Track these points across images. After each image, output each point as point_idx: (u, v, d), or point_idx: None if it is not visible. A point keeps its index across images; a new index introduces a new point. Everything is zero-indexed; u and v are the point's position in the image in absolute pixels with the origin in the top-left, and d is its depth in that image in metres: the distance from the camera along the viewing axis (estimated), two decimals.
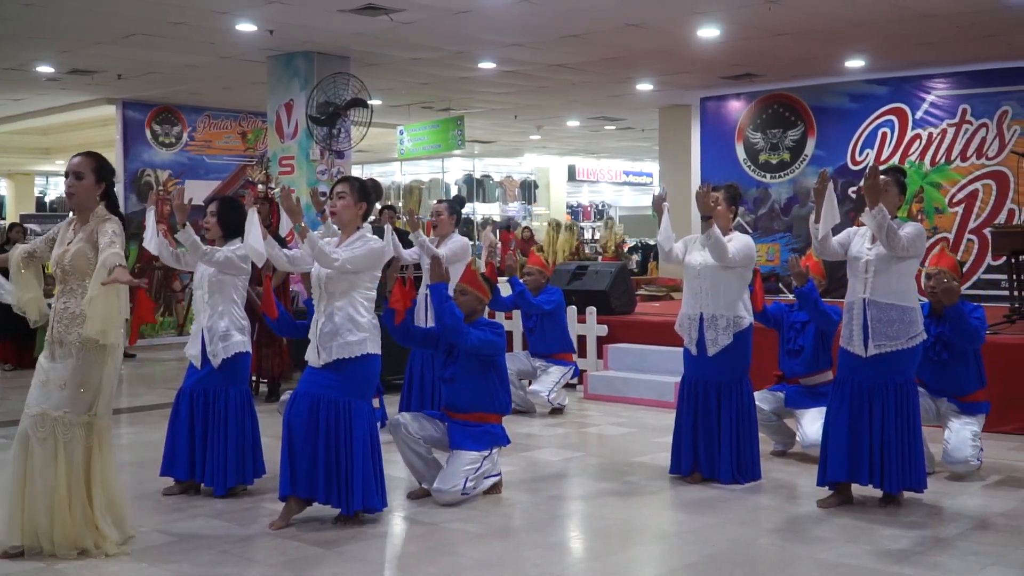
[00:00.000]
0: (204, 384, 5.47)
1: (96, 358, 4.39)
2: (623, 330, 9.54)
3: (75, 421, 4.35)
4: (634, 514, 5.33)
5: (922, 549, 4.55)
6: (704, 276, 5.74)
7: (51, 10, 8.39)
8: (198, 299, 5.60)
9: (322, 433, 4.80)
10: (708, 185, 5.83)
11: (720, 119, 13.34)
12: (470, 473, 5.34)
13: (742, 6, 8.63)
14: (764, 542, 4.78)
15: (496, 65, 11.31)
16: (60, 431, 4.33)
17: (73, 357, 4.37)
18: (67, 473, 4.33)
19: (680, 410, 5.88)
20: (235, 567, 4.37)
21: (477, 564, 4.45)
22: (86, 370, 4.38)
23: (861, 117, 12.01)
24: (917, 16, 8.84)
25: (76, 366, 4.37)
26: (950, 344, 5.86)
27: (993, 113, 11.02)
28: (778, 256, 12.63)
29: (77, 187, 4.51)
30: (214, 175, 13.97)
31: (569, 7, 8.61)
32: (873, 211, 4.90)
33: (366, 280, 4.95)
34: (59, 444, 4.32)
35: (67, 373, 4.37)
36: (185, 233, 5.34)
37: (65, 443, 4.33)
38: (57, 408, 4.35)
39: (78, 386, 4.37)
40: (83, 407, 4.38)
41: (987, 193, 11.10)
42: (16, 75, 11.06)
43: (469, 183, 21.60)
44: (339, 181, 5.12)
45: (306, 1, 8.35)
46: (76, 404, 4.37)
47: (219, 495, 5.42)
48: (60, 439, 4.32)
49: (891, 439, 5.08)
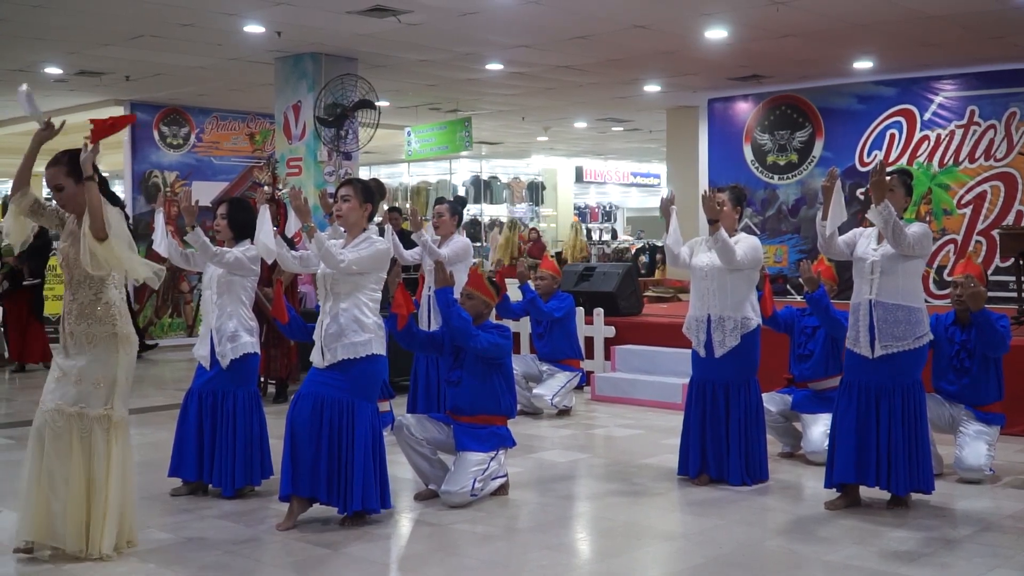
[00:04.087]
0: (213, 385, 5.49)
1: (109, 350, 4.40)
2: (630, 331, 9.55)
3: (91, 415, 4.37)
4: (641, 516, 5.33)
5: (930, 551, 4.55)
6: (711, 278, 5.74)
7: (59, 11, 8.42)
8: (207, 300, 5.63)
9: (325, 433, 4.81)
10: (712, 189, 5.84)
11: (728, 120, 13.33)
12: (478, 474, 5.35)
13: (749, 7, 8.63)
14: (771, 544, 4.78)
15: (503, 66, 11.32)
16: (76, 426, 4.35)
17: (86, 352, 4.39)
18: (84, 468, 4.34)
19: (688, 412, 5.88)
20: (242, 568, 4.38)
21: (483, 565, 4.46)
22: (100, 364, 4.39)
23: (869, 118, 12.01)
24: (924, 17, 8.83)
25: (90, 360, 4.38)
26: (973, 353, 5.88)
27: (1001, 114, 11.01)
28: (786, 258, 12.63)
29: (62, 198, 4.46)
30: (222, 176, 14.00)
31: (576, 8, 8.62)
32: (879, 207, 4.90)
33: (371, 281, 4.96)
34: (75, 439, 4.34)
35: (82, 368, 4.38)
36: (195, 235, 5.36)
37: (82, 438, 4.35)
38: (73, 403, 4.36)
39: (94, 381, 4.39)
40: (99, 402, 4.40)
41: (995, 195, 11.08)
42: (24, 76, 11.08)
43: (476, 184, 21.61)
44: (343, 184, 5.12)
45: (314, 2, 8.37)
46: (92, 399, 4.38)
47: (227, 496, 5.43)
48: (76, 434, 4.34)
49: (898, 441, 5.07)
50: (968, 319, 5.85)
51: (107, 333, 4.39)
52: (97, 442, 4.37)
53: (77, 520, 4.33)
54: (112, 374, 4.41)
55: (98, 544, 4.34)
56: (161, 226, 5.71)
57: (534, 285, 8.45)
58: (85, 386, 4.38)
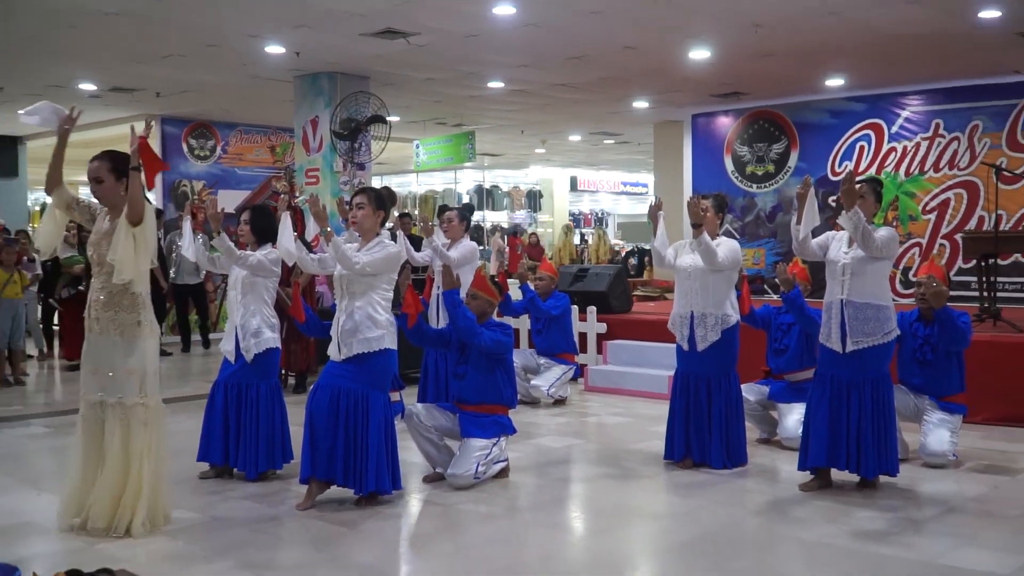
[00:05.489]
0: (237, 377, 5.50)
1: (135, 339, 4.41)
2: (621, 328, 9.55)
3: (128, 404, 4.39)
4: (630, 496, 5.34)
5: (897, 530, 4.55)
6: (694, 278, 5.76)
7: (93, 32, 8.42)
8: (232, 299, 5.64)
9: (341, 420, 4.82)
10: (697, 196, 5.86)
11: (710, 134, 13.33)
12: (481, 459, 5.36)
13: (730, 30, 8.63)
14: (750, 523, 4.79)
15: (504, 84, 11.32)
16: (117, 414, 4.37)
17: (110, 340, 4.40)
18: (122, 453, 4.36)
19: (673, 401, 5.89)
20: (265, 545, 4.39)
21: (486, 542, 4.48)
22: (128, 354, 4.40)
23: (840, 132, 12.00)
24: (892, 37, 8.83)
25: (116, 349, 4.39)
26: (936, 347, 5.88)
27: (964, 127, 11.00)
28: (763, 260, 12.63)
29: (100, 191, 4.52)
30: (245, 185, 14.00)
31: (571, 31, 8.62)
32: (850, 214, 4.91)
33: (384, 282, 4.97)
34: (116, 427, 4.36)
35: (112, 358, 4.39)
36: (220, 239, 5.36)
37: (121, 425, 4.37)
38: (113, 394, 4.38)
39: (126, 371, 4.40)
40: (134, 391, 4.41)
41: (959, 201, 11.07)
42: (61, 92, 11.08)
43: (479, 193, 21.64)
44: (357, 192, 5.12)
45: (330, 26, 8.38)
46: (127, 389, 4.40)
47: (251, 479, 5.45)
48: (117, 422, 4.36)
49: (867, 428, 5.08)
50: (931, 316, 5.86)
51: (132, 322, 4.40)
52: (134, 428, 4.38)
53: (114, 501, 4.34)
54: (142, 363, 4.43)
55: (131, 523, 4.35)
56: (189, 232, 5.72)
57: (533, 286, 8.48)
58: (119, 377, 4.39)
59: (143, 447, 4.39)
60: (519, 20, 8.18)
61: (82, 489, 4.39)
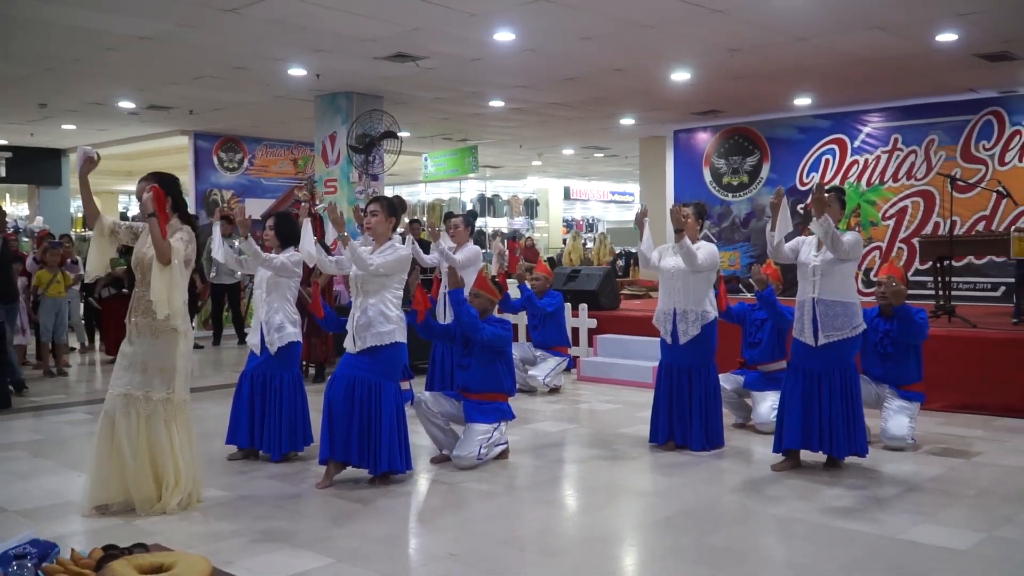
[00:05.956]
0: (263, 368, 5.48)
1: (170, 341, 4.38)
2: (610, 323, 9.53)
3: (155, 399, 4.35)
4: (618, 476, 5.32)
5: (863, 507, 4.53)
6: (676, 278, 5.74)
7: (130, 54, 8.39)
8: (257, 297, 5.61)
9: (356, 407, 4.80)
10: (679, 204, 5.84)
11: (690, 148, 13.31)
12: (483, 442, 5.34)
13: (709, 54, 8.61)
14: (727, 500, 4.77)
15: (504, 103, 11.30)
16: (141, 408, 4.33)
17: (148, 342, 4.37)
18: (148, 442, 4.33)
19: (657, 389, 5.87)
20: (288, 519, 4.37)
21: (488, 517, 4.46)
22: (162, 354, 4.37)
23: (808, 146, 11.99)
24: (856, 60, 8.81)
25: (152, 350, 4.36)
26: (896, 340, 5.85)
27: (921, 141, 10.98)
28: (739, 262, 12.61)
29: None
30: (270, 195, 13.99)
31: (565, 55, 8.60)
32: (820, 220, 4.90)
33: (395, 281, 4.95)
34: (140, 418, 4.33)
35: (146, 357, 4.36)
36: (248, 243, 5.34)
37: (146, 417, 4.33)
38: (140, 388, 4.35)
39: (157, 369, 4.37)
40: (162, 387, 4.38)
41: (915, 209, 11.06)
42: (101, 109, 11.06)
43: (482, 201, 21.66)
44: (371, 201, 5.09)
45: (347, 50, 8.35)
46: (155, 384, 4.37)
47: (275, 460, 5.44)
48: (142, 414, 4.33)
49: (837, 414, 5.07)
50: (891, 312, 5.83)
51: (168, 327, 4.37)
52: (160, 420, 4.35)
53: (145, 484, 4.32)
54: (172, 363, 4.39)
55: (166, 503, 4.34)
56: (218, 236, 5.69)
57: (530, 285, 8.46)
58: (150, 373, 4.36)
59: (172, 440, 4.34)
60: (518, 46, 8.16)
61: (111, 475, 4.33)
